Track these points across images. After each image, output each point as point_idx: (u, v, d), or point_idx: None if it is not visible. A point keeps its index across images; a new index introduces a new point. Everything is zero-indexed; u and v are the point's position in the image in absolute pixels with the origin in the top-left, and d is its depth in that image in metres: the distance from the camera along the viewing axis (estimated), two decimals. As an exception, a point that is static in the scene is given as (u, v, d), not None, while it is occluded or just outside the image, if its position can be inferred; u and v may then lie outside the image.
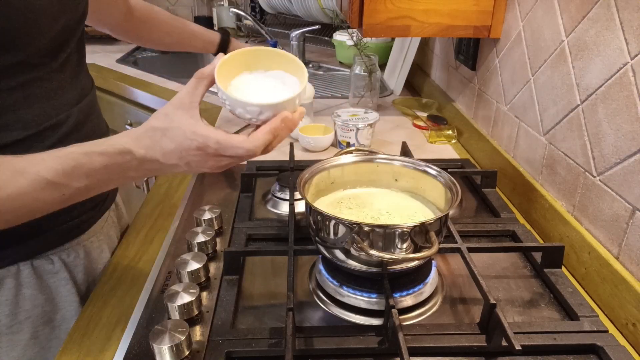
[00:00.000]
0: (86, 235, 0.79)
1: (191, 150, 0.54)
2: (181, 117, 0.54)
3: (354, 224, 0.60)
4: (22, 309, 0.72)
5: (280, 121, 0.55)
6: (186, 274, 0.68)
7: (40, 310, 0.74)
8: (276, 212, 0.91)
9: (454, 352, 0.59)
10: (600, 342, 0.59)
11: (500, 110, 1.05)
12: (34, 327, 0.74)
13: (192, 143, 0.53)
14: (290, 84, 0.59)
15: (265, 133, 0.54)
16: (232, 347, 0.59)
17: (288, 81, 0.59)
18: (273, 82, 0.59)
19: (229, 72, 0.58)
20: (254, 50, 0.60)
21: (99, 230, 0.83)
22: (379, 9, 1.01)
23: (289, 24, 2.36)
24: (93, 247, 0.81)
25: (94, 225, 0.81)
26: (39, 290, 0.73)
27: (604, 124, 0.70)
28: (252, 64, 0.60)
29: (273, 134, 0.55)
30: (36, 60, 0.65)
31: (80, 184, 0.54)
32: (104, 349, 0.63)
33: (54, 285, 0.75)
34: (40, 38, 0.64)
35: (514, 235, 0.83)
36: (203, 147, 0.53)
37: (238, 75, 0.59)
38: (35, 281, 0.72)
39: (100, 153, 0.54)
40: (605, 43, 0.69)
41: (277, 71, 0.60)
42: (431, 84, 1.53)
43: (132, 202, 1.59)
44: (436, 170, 0.72)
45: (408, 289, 0.66)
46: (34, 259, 0.72)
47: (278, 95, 0.56)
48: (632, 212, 0.65)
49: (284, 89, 0.58)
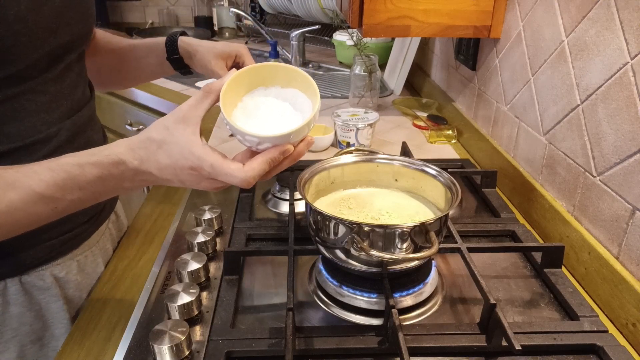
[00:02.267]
0: (80, 250, 0.75)
1: (185, 169, 0.52)
2: (181, 133, 0.52)
3: (354, 224, 0.60)
4: (8, 328, 0.69)
5: (279, 154, 0.53)
6: (186, 274, 0.68)
7: (28, 328, 0.70)
8: (276, 212, 0.91)
9: (454, 352, 0.59)
10: (600, 342, 0.59)
11: (500, 110, 1.05)
12: (20, 345, 0.70)
13: (187, 162, 0.52)
14: (302, 109, 0.56)
15: (261, 163, 0.52)
16: (232, 347, 0.59)
17: (300, 105, 0.56)
18: (283, 107, 0.56)
19: (241, 87, 0.55)
20: (271, 65, 0.57)
21: (94, 244, 0.79)
22: (379, 9, 1.01)
23: (289, 24, 2.36)
24: (87, 262, 0.77)
25: (88, 238, 0.77)
26: (27, 307, 0.69)
27: (604, 124, 0.70)
28: (270, 79, 0.57)
29: (269, 164, 0.53)
30: (28, 74, 0.62)
31: (74, 197, 0.53)
32: (104, 349, 0.63)
33: (44, 302, 0.71)
34: (33, 53, 0.61)
35: (514, 235, 0.83)
36: (197, 168, 0.52)
37: (254, 89, 0.56)
38: (24, 298, 0.69)
39: (94, 164, 0.52)
40: (605, 43, 0.69)
41: (293, 90, 0.57)
42: (431, 84, 1.53)
43: (132, 202, 1.59)
44: (436, 170, 0.72)
45: (408, 289, 0.66)
46: (22, 275, 0.68)
47: (282, 126, 0.54)
48: (632, 212, 0.65)
49: (292, 116, 0.56)
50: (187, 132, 0.52)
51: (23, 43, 0.58)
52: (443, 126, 1.27)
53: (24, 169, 0.52)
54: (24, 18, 0.57)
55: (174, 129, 0.52)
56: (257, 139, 0.52)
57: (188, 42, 0.84)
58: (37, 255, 0.69)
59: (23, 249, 0.67)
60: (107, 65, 0.90)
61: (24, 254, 0.68)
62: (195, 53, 0.83)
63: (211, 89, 0.54)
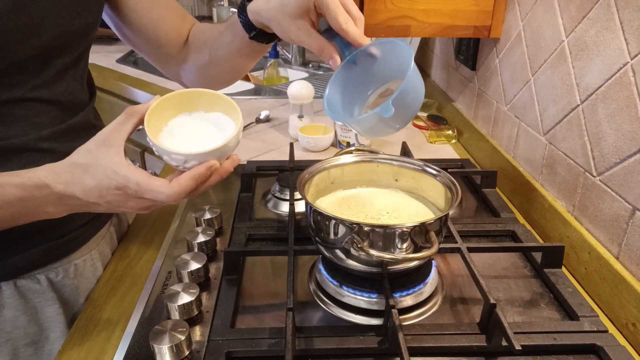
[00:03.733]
0: (78, 253, 0.74)
1: (111, 190, 0.52)
2: (104, 155, 0.52)
3: (354, 224, 0.60)
4: (2, 331, 0.68)
5: (205, 169, 0.53)
6: (186, 274, 0.68)
7: (22, 332, 0.69)
8: (276, 212, 0.91)
9: (454, 352, 0.59)
10: (600, 342, 0.59)
11: (500, 110, 1.05)
12: (14, 349, 0.69)
13: (112, 182, 0.51)
14: (226, 129, 0.57)
15: (188, 179, 0.52)
16: (232, 347, 0.59)
17: (225, 126, 0.58)
18: (207, 127, 0.58)
19: (166, 112, 0.56)
20: (194, 91, 0.58)
21: (94, 248, 0.77)
22: (379, 9, 1.01)
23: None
24: (86, 266, 0.75)
25: (87, 242, 0.75)
26: (21, 311, 0.68)
27: (604, 124, 0.70)
28: (193, 105, 0.58)
29: (196, 180, 0.53)
30: (14, 78, 0.60)
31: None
32: (104, 349, 0.63)
33: (39, 306, 0.70)
34: (11, 55, 0.58)
35: (514, 235, 0.83)
36: (123, 188, 0.52)
37: (177, 115, 0.57)
38: (19, 301, 0.68)
39: (17, 185, 0.52)
40: (605, 43, 0.69)
41: (217, 113, 0.58)
42: (431, 84, 1.53)
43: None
44: (436, 170, 0.72)
45: (408, 289, 0.66)
46: (17, 278, 0.67)
47: (208, 143, 0.55)
48: (632, 212, 0.65)
49: (217, 134, 0.57)
50: (110, 153, 0.52)
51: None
52: (443, 126, 1.27)
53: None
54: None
55: (96, 152, 0.52)
56: (183, 157, 0.53)
57: (258, 12, 0.66)
58: (33, 258, 0.68)
59: (18, 252, 0.66)
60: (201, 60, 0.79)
61: (19, 257, 0.67)
62: (270, 23, 0.65)
63: (134, 112, 0.54)
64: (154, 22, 0.77)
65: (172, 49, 0.80)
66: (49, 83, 0.65)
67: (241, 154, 0.59)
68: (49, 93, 0.65)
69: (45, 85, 0.64)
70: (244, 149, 1.11)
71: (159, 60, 0.84)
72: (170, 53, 0.81)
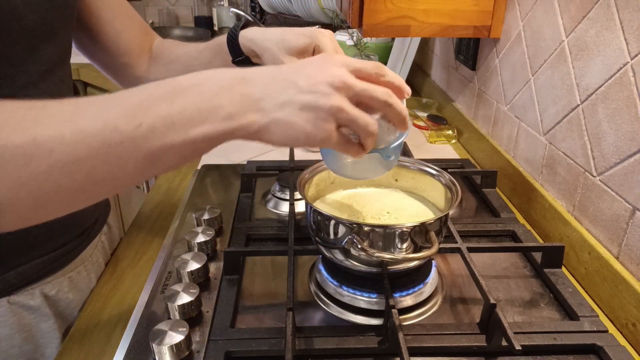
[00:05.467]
0: (72, 265, 0.72)
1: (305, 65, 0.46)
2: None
3: (354, 224, 0.60)
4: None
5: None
6: (186, 274, 0.68)
7: (17, 350, 0.67)
8: (276, 212, 0.91)
9: (454, 352, 0.59)
10: (600, 342, 0.59)
11: (500, 110, 1.05)
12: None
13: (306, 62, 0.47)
14: None
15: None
16: (232, 347, 0.59)
17: None
18: None
19: None
20: None
21: (87, 258, 0.75)
22: (379, 9, 1.01)
23: (289, 24, 2.36)
24: (80, 278, 0.74)
25: (81, 253, 0.74)
26: (16, 329, 0.66)
27: (604, 124, 0.70)
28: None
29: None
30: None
31: (162, 111, 0.42)
32: (104, 349, 0.63)
33: (34, 322, 0.68)
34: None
35: (514, 235, 0.82)
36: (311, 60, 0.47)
37: None
38: (12, 319, 0.66)
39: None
40: (605, 43, 0.69)
41: None
42: (431, 84, 1.53)
43: (132, 202, 1.59)
44: (436, 170, 0.72)
45: (408, 289, 0.66)
46: (10, 295, 0.65)
47: None
48: (632, 212, 0.65)
49: None
50: None
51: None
52: (443, 126, 1.27)
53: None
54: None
55: None
56: None
57: (252, 39, 0.68)
58: (27, 273, 0.66)
59: (11, 267, 0.64)
60: (170, 75, 0.79)
61: (12, 273, 0.65)
62: (263, 52, 0.68)
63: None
64: (116, 31, 0.77)
65: (131, 59, 0.80)
66: (37, 81, 0.62)
67: (241, 154, 0.59)
68: (37, 92, 0.62)
69: (34, 84, 0.62)
70: (244, 149, 1.11)
71: (114, 69, 0.82)
72: (129, 63, 0.80)
